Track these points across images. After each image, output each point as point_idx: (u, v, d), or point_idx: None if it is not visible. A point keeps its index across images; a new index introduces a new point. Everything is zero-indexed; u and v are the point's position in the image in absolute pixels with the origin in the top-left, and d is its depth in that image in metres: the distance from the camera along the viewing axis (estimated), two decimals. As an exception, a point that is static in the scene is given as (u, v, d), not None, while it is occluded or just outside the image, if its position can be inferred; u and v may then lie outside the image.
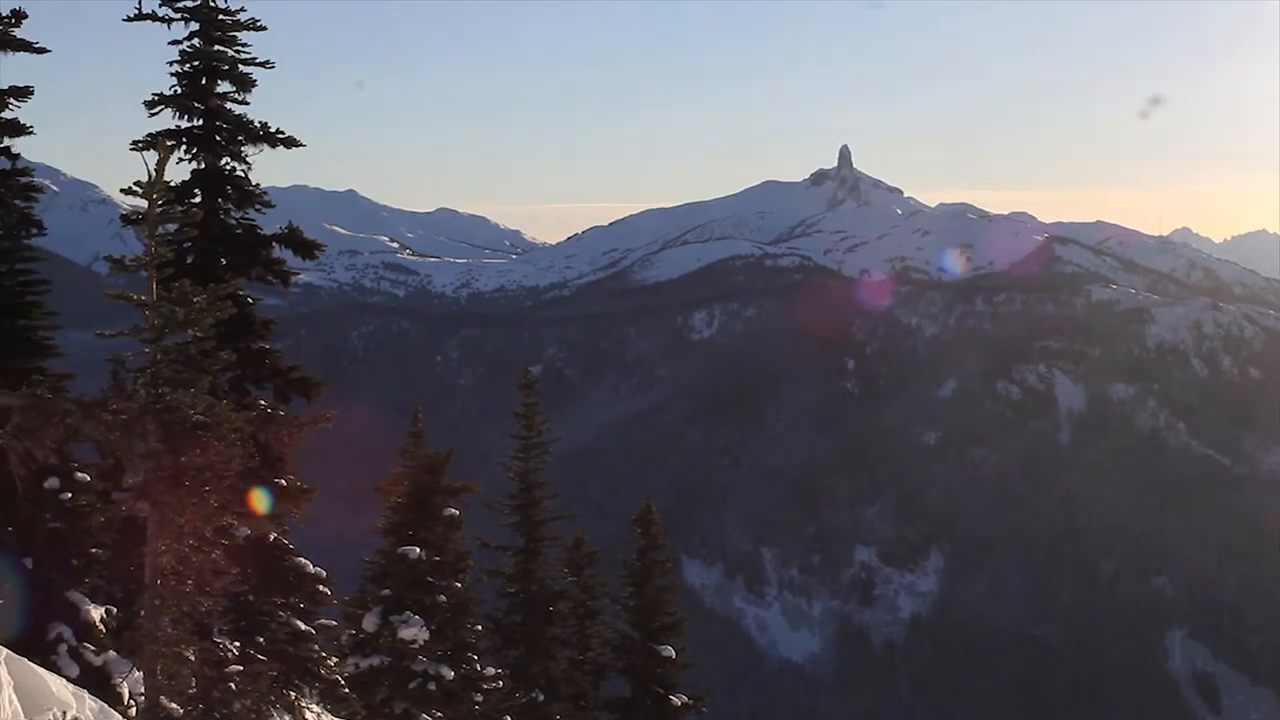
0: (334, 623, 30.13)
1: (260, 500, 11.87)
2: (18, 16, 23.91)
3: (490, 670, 30.54)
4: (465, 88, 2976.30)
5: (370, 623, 28.08)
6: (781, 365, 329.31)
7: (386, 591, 28.47)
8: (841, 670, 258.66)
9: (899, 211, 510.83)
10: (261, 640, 27.44)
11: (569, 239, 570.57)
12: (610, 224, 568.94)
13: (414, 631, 27.35)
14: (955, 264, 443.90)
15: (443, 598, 28.85)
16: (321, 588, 28.82)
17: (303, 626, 28.36)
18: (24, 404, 12.56)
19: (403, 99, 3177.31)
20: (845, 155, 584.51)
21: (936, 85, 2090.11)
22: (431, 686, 27.71)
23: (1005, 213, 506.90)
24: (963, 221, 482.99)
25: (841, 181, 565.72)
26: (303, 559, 28.47)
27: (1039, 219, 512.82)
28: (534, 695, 33.36)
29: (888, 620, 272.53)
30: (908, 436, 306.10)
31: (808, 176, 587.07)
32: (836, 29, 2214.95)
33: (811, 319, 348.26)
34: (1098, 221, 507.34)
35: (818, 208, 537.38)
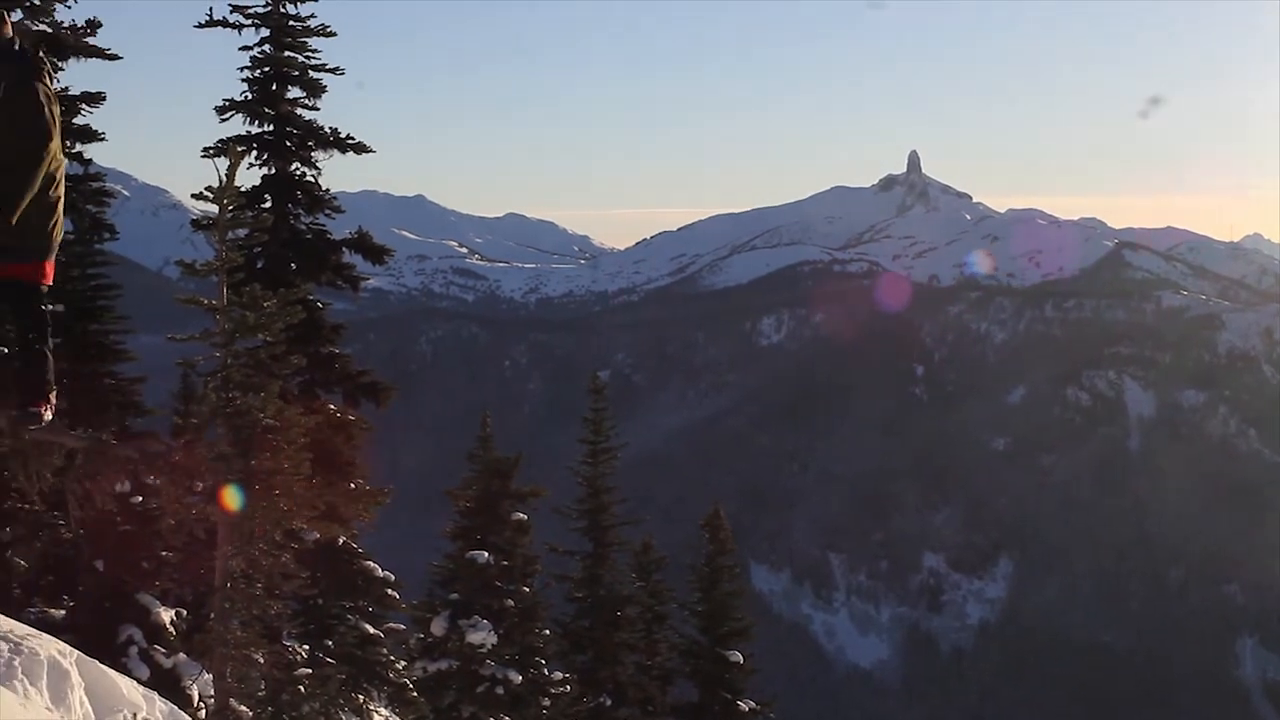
0: (402, 626, 30.23)
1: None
2: (92, 25, 24.05)
3: (558, 675, 30.56)
4: (534, 92, 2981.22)
5: (438, 627, 28.12)
6: (850, 371, 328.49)
7: (455, 595, 28.51)
8: (909, 676, 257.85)
9: (968, 217, 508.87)
10: (330, 643, 27.57)
11: (638, 244, 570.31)
12: (679, 229, 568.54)
13: (482, 636, 27.38)
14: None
15: (511, 602, 28.88)
16: (390, 591, 28.93)
17: (371, 630, 28.48)
18: (87, 447, 12.63)
19: (471, 104, 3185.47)
20: (914, 160, 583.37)
21: (1006, 90, 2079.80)
22: (499, 691, 27.73)
23: (1075, 218, 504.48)
24: (1032, 227, 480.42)
25: (910, 187, 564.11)
26: (371, 563, 28.58)
27: (1109, 224, 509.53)
28: (601, 700, 33.33)
29: (956, 627, 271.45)
30: (977, 443, 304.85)
31: (876, 182, 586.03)
32: (905, 33, 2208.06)
33: (880, 325, 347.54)
34: (1168, 227, 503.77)
35: (886, 213, 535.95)
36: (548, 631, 30.95)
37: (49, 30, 18.52)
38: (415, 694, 28.07)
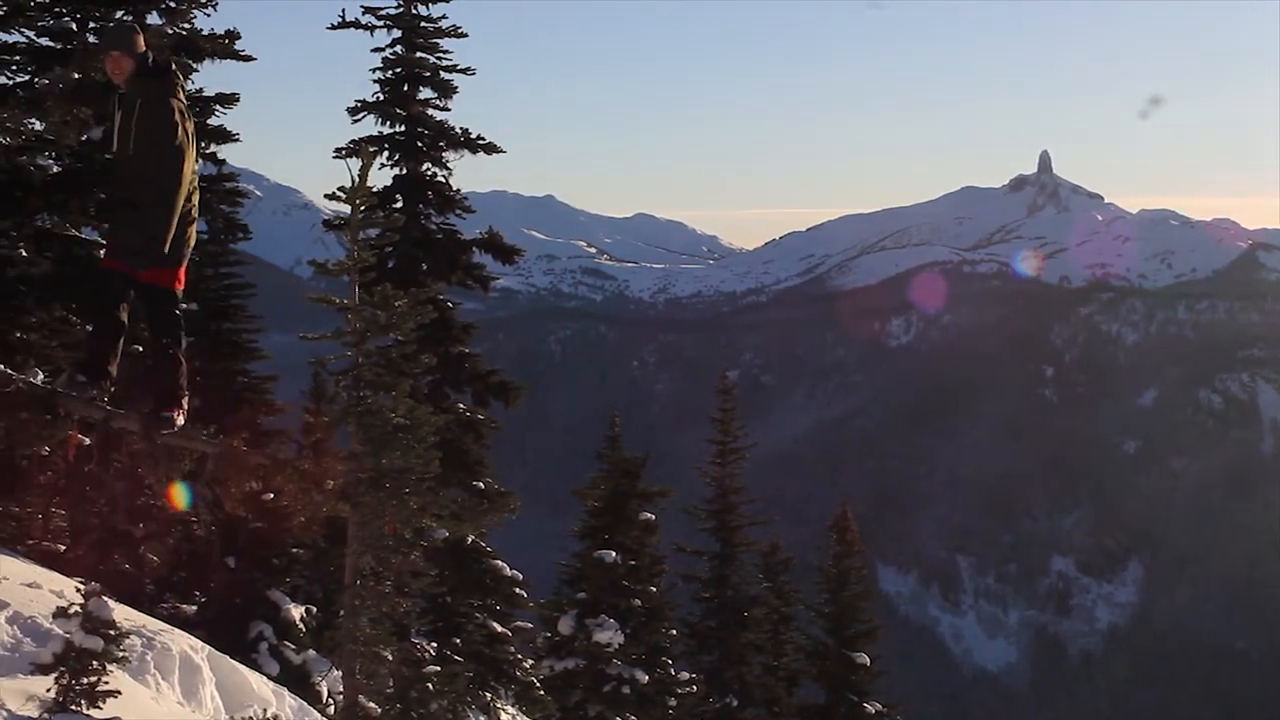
0: (529, 625, 30.35)
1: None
2: (231, 36, 24.30)
3: (684, 675, 30.59)
4: (664, 92, 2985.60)
5: (565, 625, 28.19)
6: (979, 372, 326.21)
7: (582, 595, 28.57)
8: (1037, 680, 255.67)
9: (1099, 218, 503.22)
10: (458, 641, 27.71)
11: (766, 244, 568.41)
12: (808, 229, 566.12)
13: (609, 635, 27.41)
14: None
15: (638, 602, 28.91)
16: (518, 590, 29.04)
17: (499, 628, 28.60)
18: (218, 453, 12.76)
19: (601, 104, 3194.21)
20: (1045, 160, 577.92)
21: (1140, 89, 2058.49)
22: (626, 690, 27.74)
23: (1208, 219, 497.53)
24: (1164, 228, 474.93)
25: (1041, 187, 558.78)
26: (499, 561, 28.71)
27: (1243, 225, 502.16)
28: (727, 700, 33.33)
29: (1085, 631, 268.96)
30: (1107, 445, 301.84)
31: (1007, 182, 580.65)
32: (1036, 32, 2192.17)
33: (1010, 326, 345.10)
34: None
35: (1017, 214, 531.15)
36: (674, 631, 30.99)
37: (185, 35, 18.72)
38: (542, 692, 28.15)
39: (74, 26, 21.47)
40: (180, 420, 12.63)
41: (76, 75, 13.88)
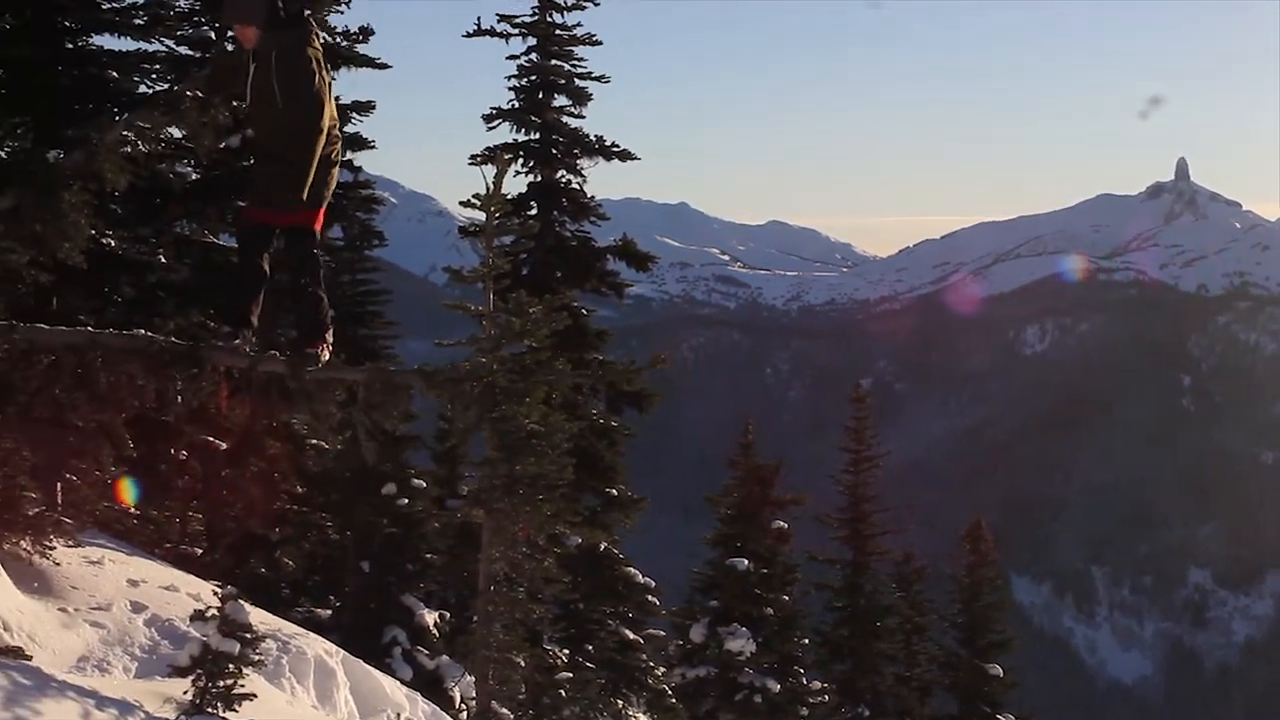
0: (662, 633, 30.32)
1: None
2: (365, 32, 24.52)
3: (816, 684, 30.42)
4: (797, 100, 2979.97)
5: (698, 633, 28.14)
6: (1115, 381, 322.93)
7: (714, 602, 28.51)
8: (1172, 693, 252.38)
9: (1237, 225, 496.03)
10: (590, 648, 27.75)
11: (900, 252, 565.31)
12: (942, 237, 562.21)
13: (741, 643, 27.34)
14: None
15: (770, 610, 28.81)
16: (650, 597, 29.04)
17: (631, 636, 28.61)
18: (369, 378, 12.82)
19: (735, 111, 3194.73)
20: (1182, 168, 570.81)
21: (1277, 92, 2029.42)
22: (757, 699, 27.66)
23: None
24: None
25: (1178, 195, 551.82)
26: (632, 568, 28.72)
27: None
28: (859, 710, 33.15)
29: (1221, 644, 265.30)
30: (1245, 456, 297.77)
31: (1143, 190, 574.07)
32: (1173, 37, 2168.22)
33: (1147, 334, 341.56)
34: None
35: (1154, 221, 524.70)
36: (807, 640, 30.84)
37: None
38: (674, 700, 28.10)
39: (212, 34, 21.73)
40: (326, 355, 12.66)
41: (205, 70, 13.98)
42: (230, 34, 13.31)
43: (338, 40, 19.79)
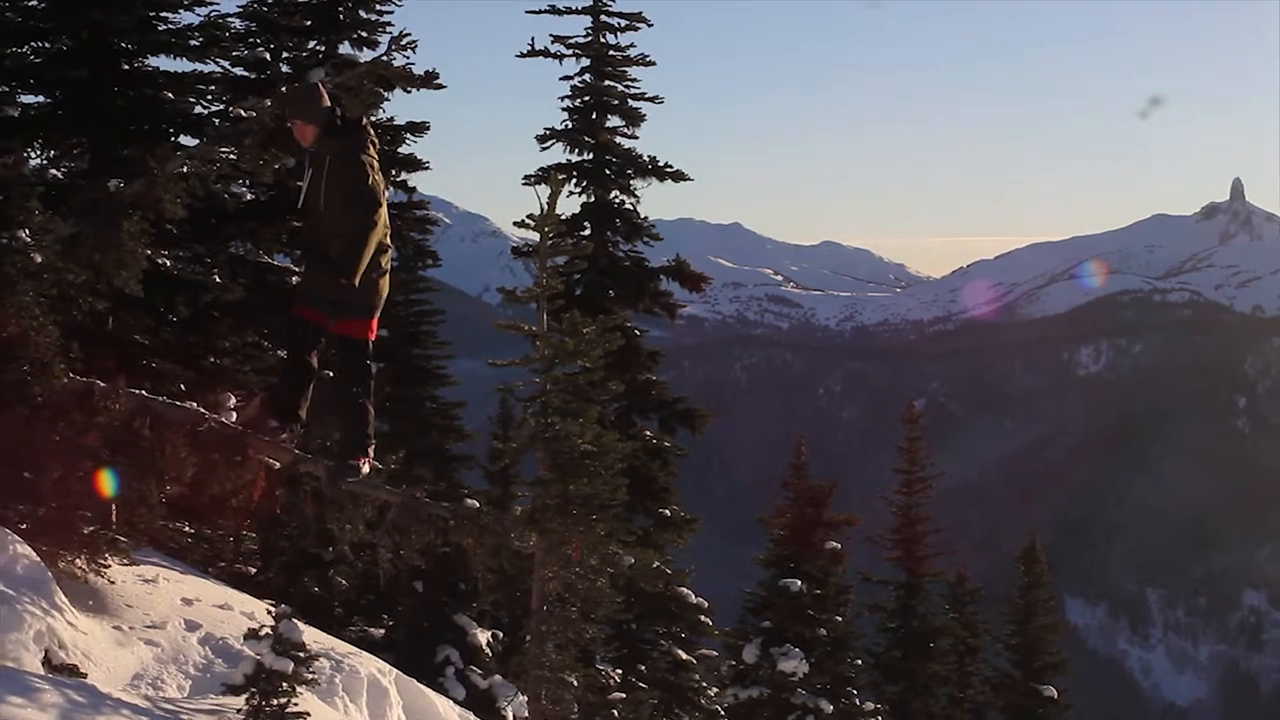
0: (714, 653, 30.32)
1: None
2: (430, 78, 24.54)
3: (869, 705, 30.35)
4: (850, 121, 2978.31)
5: (750, 654, 28.06)
6: (1170, 402, 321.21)
7: (767, 623, 28.44)
8: (1227, 716, 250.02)
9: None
10: (643, 668, 27.77)
11: (953, 273, 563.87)
12: (996, 257, 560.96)
13: (794, 664, 27.26)
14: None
15: (823, 631, 28.75)
16: (702, 618, 29.05)
17: (683, 656, 28.62)
18: (400, 502, 12.92)
19: (788, 132, 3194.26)
20: (1238, 188, 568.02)
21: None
22: (810, 720, 27.61)
23: None
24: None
25: (1234, 215, 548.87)
26: (685, 589, 28.70)
27: None
28: (913, 732, 33.07)
29: (1277, 666, 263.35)
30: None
31: (1198, 210, 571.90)
32: (1225, 59, 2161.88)
33: (1202, 355, 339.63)
34: None
35: (1209, 242, 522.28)
36: (860, 661, 30.79)
37: (380, 59, 18.93)
38: (726, 720, 28.10)
39: (268, 56, 21.86)
40: (366, 469, 12.82)
41: (274, 119, 14.06)
42: (304, 55, 13.43)
43: (390, 56, 19.85)
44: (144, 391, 13.46)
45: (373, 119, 12.92)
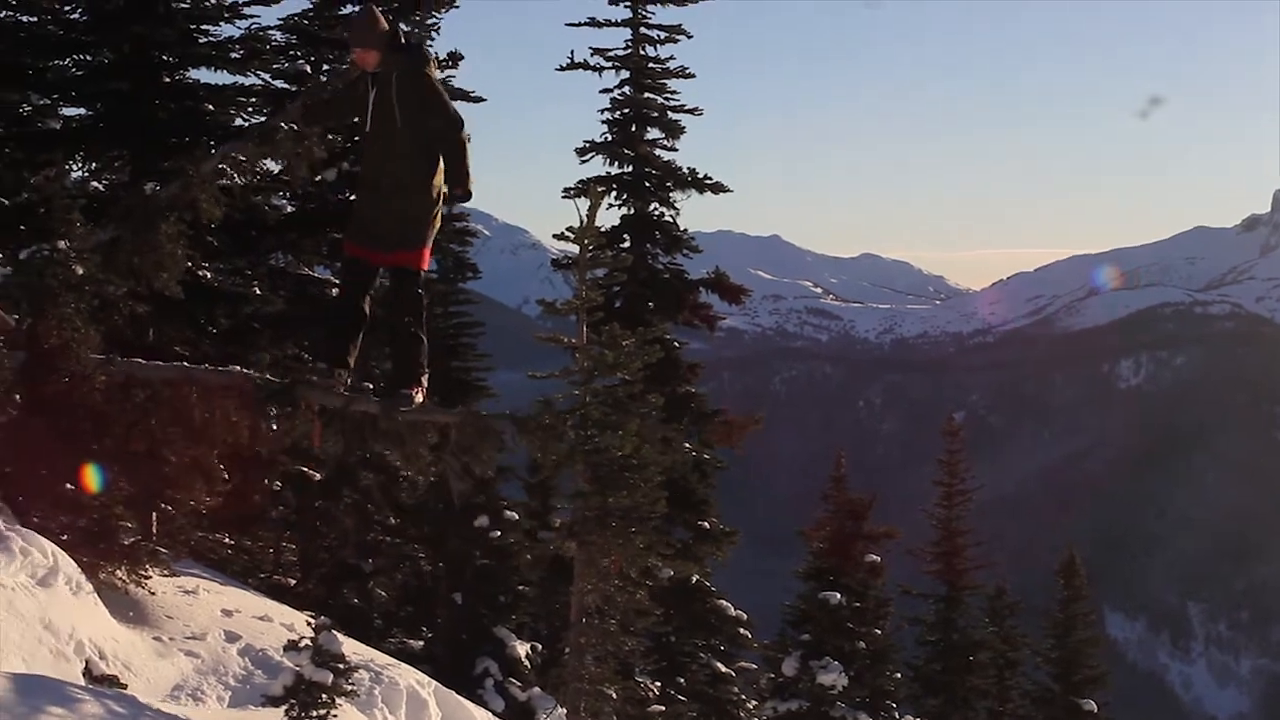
0: (753, 666, 30.27)
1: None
2: (454, 58, 24.62)
3: (909, 718, 30.26)
4: (889, 132, 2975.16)
5: (789, 667, 27.98)
6: (1211, 415, 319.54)
7: (806, 636, 28.36)
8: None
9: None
10: (682, 681, 27.72)
11: (993, 285, 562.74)
12: (1035, 270, 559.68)
13: (833, 677, 27.17)
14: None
15: (862, 644, 28.66)
16: (742, 630, 28.98)
17: (723, 668, 28.56)
18: (461, 421, 12.85)
19: (828, 144, 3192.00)
20: (1278, 200, 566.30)
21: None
22: (850, 733, 27.52)
23: None
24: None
25: (1275, 227, 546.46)
26: (724, 601, 28.65)
27: None
28: (953, 745, 32.96)
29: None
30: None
31: (1239, 222, 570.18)
32: (1269, 71, 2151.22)
33: (1243, 367, 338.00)
34: None
35: (1250, 254, 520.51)
36: (899, 675, 30.71)
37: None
38: (765, 733, 28.01)
39: (308, 68, 21.88)
40: (419, 398, 12.72)
41: (299, 101, 14.06)
42: (345, 64, 13.43)
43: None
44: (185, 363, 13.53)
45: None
